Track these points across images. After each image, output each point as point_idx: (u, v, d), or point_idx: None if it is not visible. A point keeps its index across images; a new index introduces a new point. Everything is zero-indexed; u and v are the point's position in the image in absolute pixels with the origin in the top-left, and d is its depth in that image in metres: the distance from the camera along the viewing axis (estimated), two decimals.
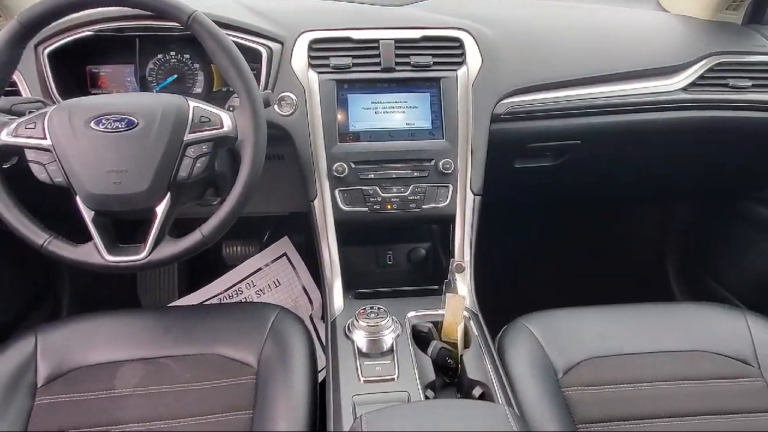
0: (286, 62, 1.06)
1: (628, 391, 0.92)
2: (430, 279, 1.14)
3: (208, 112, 0.84)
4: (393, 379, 0.82)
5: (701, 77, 1.18)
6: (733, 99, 1.19)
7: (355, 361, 0.85)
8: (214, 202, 1.04)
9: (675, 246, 1.74)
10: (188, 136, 0.82)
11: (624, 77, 1.18)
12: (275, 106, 1.05)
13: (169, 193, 0.82)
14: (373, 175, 1.05)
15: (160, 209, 0.82)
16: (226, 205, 0.84)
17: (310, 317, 1.56)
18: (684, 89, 1.18)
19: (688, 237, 1.70)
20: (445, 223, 1.09)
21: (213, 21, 0.85)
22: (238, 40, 1.02)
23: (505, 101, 1.12)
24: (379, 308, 0.92)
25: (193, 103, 0.84)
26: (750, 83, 1.19)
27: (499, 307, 1.07)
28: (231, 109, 0.88)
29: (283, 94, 1.05)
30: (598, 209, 1.64)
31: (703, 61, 1.19)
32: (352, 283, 1.09)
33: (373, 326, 0.88)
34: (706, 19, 1.31)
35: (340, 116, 1.06)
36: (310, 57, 1.06)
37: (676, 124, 1.19)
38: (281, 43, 1.07)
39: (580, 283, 1.52)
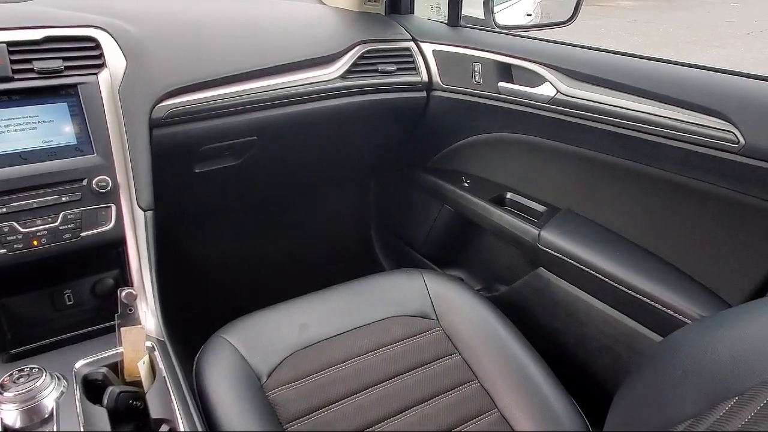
0: None
1: (329, 375, 0.94)
2: None
3: None
4: None
5: (354, 64, 1.26)
6: (383, 82, 1.31)
7: None
8: None
9: (374, 220, 1.88)
10: None
11: (287, 69, 1.19)
12: None
13: None
14: (5, 209, 0.85)
15: None
16: None
17: None
18: (342, 77, 1.25)
19: (382, 210, 1.86)
20: (115, 247, 0.96)
21: None
22: None
23: (163, 104, 1.03)
24: (31, 368, 0.75)
25: None
26: (395, 67, 1.32)
27: (209, 326, 1.00)
28: None
29: None
30: (298, 199, 1.68)
31: (355, 49, 1.28)
32: (16, 340, 0.88)
33: (24, 392, 0.72)
34: (355, 10, 1.42)
35: None
36: None
37: (341, 109, 1.26)
38: None
39: (293, 278, 1.53)
